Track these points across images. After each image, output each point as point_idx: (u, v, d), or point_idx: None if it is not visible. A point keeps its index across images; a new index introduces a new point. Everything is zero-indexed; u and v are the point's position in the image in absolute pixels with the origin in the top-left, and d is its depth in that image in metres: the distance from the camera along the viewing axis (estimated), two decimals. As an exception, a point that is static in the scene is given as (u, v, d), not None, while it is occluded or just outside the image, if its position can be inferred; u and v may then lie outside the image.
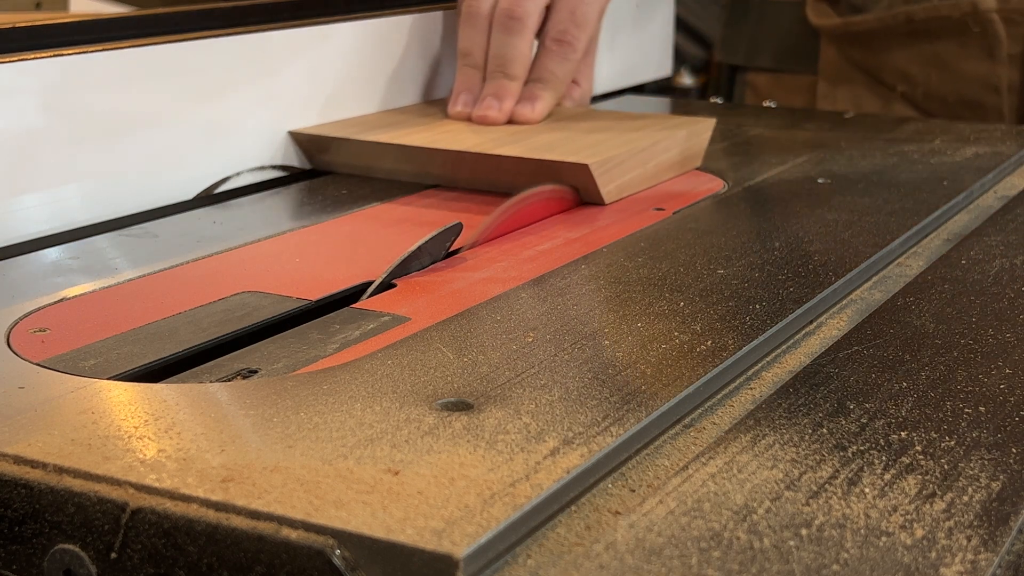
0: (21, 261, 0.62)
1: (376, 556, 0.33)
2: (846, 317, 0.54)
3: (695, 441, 0.42)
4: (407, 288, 0.57)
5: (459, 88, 0.86)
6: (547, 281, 0.56)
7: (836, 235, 0.64)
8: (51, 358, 0.48)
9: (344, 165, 0.81)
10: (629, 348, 0.47)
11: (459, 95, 0.85)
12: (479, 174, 0.76)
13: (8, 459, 0.38)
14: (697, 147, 0.81)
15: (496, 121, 0.83)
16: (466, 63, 0.86)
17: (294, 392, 0.43)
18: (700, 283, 0.56)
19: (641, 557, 0.34)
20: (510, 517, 0.34)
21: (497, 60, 0.84)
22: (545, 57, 0.85)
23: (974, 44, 1.10)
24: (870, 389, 0.45)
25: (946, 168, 0.80)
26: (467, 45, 0.86)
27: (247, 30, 0.77)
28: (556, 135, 0.79)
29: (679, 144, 0.79)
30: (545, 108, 0.84)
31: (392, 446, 0.38)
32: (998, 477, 0.39)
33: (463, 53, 0.86)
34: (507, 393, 0.43)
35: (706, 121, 0.82)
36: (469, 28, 0.86)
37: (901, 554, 0.34)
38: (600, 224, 0.68)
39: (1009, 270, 0.60)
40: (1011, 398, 0.45)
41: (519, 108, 0.83)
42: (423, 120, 0.84)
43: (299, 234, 0.67)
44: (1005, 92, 1.09)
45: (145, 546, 0.35)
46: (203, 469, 0.37)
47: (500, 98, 0.83)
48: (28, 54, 0.65)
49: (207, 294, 0.56)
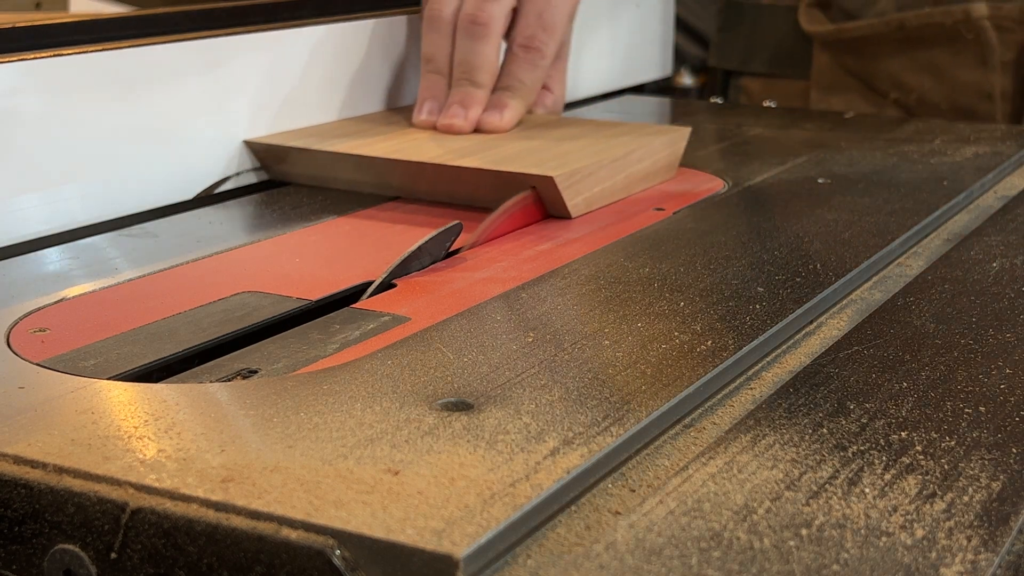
0: (21, 261, 0.62)
1: (376, 556, 0.33)
2: (846, 317, 0.54)
3: (695, 441, 0.42)
4: (407, 288, 0.57)
5: (423, 96, 0.83)
6: (547, 281, 0.56)
7: (836, 235, 0.64)
8: (51, 358, 0.48)
9: (302, 176, 0.78)
10: (629, 348, 0.47)
11: (424, 103, 0.82)
12: (440, 186, 0.73)
13: (8, 459, 0.38)
14: (672, 157, 0.79)
15: (462, 130, 0.80)
16: (430, 69, 0.83)
17: (294, 392, 0.43)
18: (700, 283, 0.56)
19: (641, 557, 0.34)
20: (510, 517, 0.34)
21: (462, 67, 0.82)
22: (513, 64, 0.83)
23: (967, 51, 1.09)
24: (870, 389, 0.45)
25: (946, 168, 0.80)
26: (430, 51, 0.83)
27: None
28: (524, 145, 0.76)
29: (653, 154, 0.76)
30: (514, 117, 0.82)
31: (392, 446, 0.38)
32: (998, 477, 0.39)
33: (426, 59, 0.84)
34: (507, 393, 0.43)
35: (681, 130, 0.80)
36: (432, 33, 0.83)
37: (901, 554, 0.34)
38: (600, 224, 0.68)
39: (1009, 270, 0.60)
40: (1011, 398, 0.45)
41: (486, 117, 0.81)
42: (385, 129, 0.81)
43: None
44: (998, 99, 1.09)
45: (145, 546, 0.35)
46: (203, 469, 0.37)
47: (466, 106, 0.81)
48: (28, 54, 0.65)
49: (207, 294, 0.56)
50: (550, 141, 0.77)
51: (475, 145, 0.76)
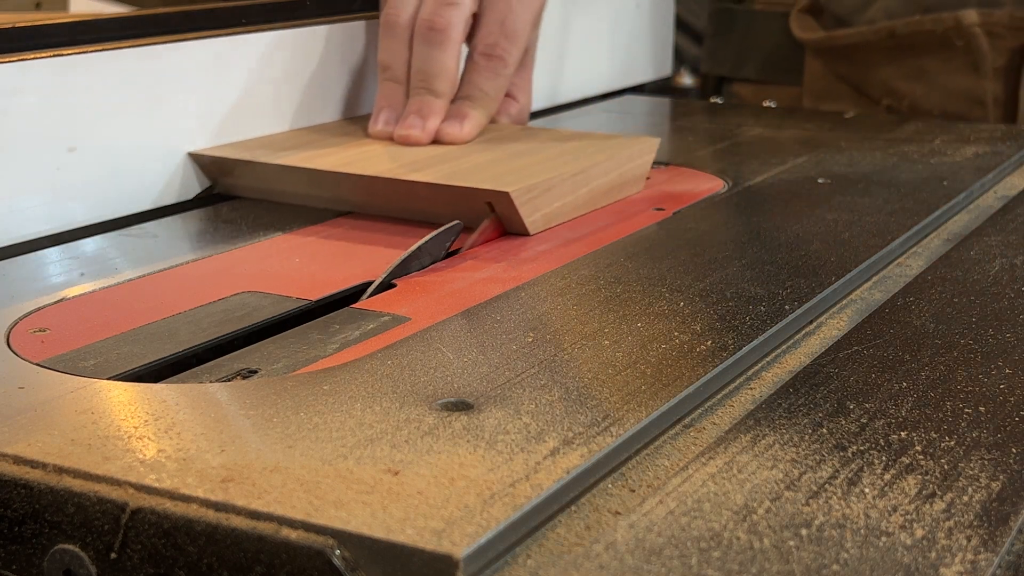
0: (21, 261, 0.62)
1: (376, 556, 0.33)
2: (846, 317, 0.54)
3: (695, 441, 0.42)
4: (407, 288, 0.57)
5: (380, 105, 0.79)
6: (547, 281, 0.56)
7: (836, 235, 0.64)
8: (51, 358, 0.48)
9: (251, 189, 0.74)
10: (629, 348, 0.47)
11: (380, 112, 0.78)
12: (394, 201, 0.69)
13: (8, 459, 0.38)
14: (639, 170, 0.75)
15: (420, 141, 0.76)
16: (387, 77, 0.79)
17: (294, 392, 0.43)
18: (700, 283, 0.56)
19: (641, 557, 0.34)
20: (510, 517, 0.34)
21: (420, 75, 0.78)
22: (474, 72, 0.79)
23: (958, 58, 1.09)
24: (870, 389, 0.45)
25: (946, 168, 0.80)
26: (387, 58, 0.79)
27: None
28: (483, 157, 0.73)
29: (618, 167, 0.73)
30: (474, 127, 0.78)
31: (392, 446, 0.38)
32: (998, 477, 0.39)
33: (383, 67, 0.80)
34: (507, 393, 0.43)
35: (649, 141, 0.76)
36: (388, 39, 0.79)
37: (901, 554, 0.34)
38: (600, 224, 0.68)
39: (1009, 270, 0.60)
40: (1011, 398, 0.45)
41: (445, 127, 0.77)
42: (340, 140, 0.77)
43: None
44: (991, 105, 1.09)
45: (145, 546, 0.35)
46: (203, 469, 0.37)
47: (424, 116, 0.77)
48: (28, 54, 0.65)
49: (207, 294, 0.56)
50: (510, 154, 0.74)
51: (432, 157, 0.73)
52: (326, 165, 0.71)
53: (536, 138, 0.78)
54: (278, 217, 0.70)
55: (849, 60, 1.15)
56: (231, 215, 0.71)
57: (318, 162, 0.72)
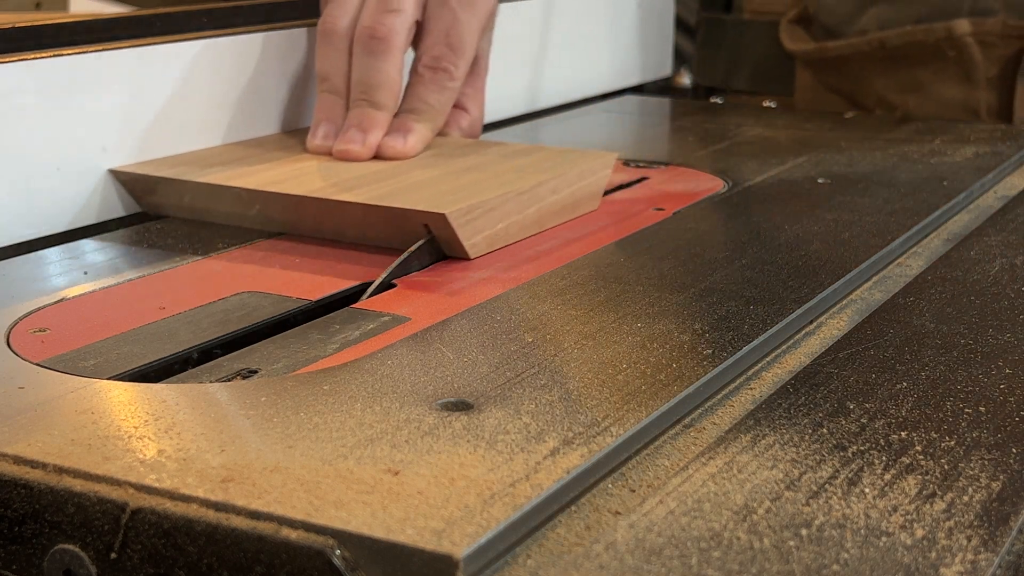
0: (21, 261, 0.62)
1: (376, 556, 0.33)
2: (846, 317, 0.54)
3: (695, 441, 0.42)
4: (407, 288, 0.57)
5: (318, 118, 0.74)
6: (547, 281, 0.56)
7: (836, 235, 0.64)
8: (51, 358, 0.48)
9: (176, 208, 0.69)
10: (629, 348, 0.47)
11: (319, 126, 0.74)
12: (325, 222, 0.64)
13: (8, 459, 0.38)
14: (594, 187, 0.70)
15: (360, 156, 0.71)
16: (325, 89, 0.74)
17: (294, 392, 0.43)
18: (700, 283, 0.56)
19: (641, 557, 0.34)
20: (510, 517, 0.34)
21: (360, 86, 0.73)
22: (419, 85, 0.75)
23: (950, 68, 1.09)
24: (870, 389, 0.45)
25: (946, 168, 0.80)
26: (325, 68, 0.74)
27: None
28: (424, 175, 0.68)
29: (569, 185, 0.68)
30: (419, 141, 0.73)
31: (392, 446, 0.38)
32: (998, 477, 0.39)
33: (321, 77, 0.75)
34: (507, 393, 0.43)
35: (605, 156, 0.72)
36: (326, 47, 0.74)
37: (901, 554, 0.34)
38: (600, 224, 0.68)
39: (1009, 270, 0.60)
40: (1011, 398, 0.45)
41: (388, 141, 0.72)
42: (275, 155, 0.72)
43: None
44: (985, 115, 1.08)
45: (145, 546, 0.35)
46: (203, 469, 0.37)
47: (365, 130, 0.72)
48: (28, 54, 0.65)
49: (207, 294, 0.56)
50: (454, 171, 0.69)
51: (370, 175, 0.68)
52: (254, 184, 0.66)
53: (484, 153, 0.73)
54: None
55: (840, 71, 1.14)
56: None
57: (246, 180, 0.67)
